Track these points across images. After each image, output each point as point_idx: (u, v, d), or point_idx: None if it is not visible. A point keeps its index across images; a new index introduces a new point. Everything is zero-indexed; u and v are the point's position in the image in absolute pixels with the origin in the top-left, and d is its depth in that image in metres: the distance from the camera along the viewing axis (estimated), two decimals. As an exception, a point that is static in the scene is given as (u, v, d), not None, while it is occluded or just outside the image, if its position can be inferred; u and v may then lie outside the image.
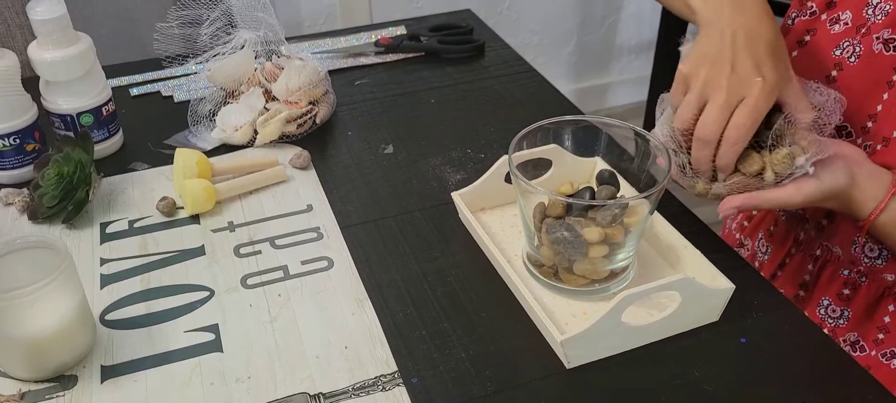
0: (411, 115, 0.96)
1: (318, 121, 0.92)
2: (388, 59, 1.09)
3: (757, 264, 0.89)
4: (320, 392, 0.60)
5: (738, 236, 0.94)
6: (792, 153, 0.65)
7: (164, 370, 0.62)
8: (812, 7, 0.78)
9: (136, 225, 0.77)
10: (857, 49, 0.73)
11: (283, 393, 0.60)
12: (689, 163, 0.68)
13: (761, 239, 0.88)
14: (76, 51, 0.81)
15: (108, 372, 0.62)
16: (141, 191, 0.82)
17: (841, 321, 0.78)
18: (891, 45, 0.71)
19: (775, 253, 0.85)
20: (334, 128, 0.93)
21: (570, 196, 0.66)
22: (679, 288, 0.62)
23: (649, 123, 0.98)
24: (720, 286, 0.64)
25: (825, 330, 0.79)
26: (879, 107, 0.72)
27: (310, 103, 0.92)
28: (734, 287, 0.64)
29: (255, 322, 0.66)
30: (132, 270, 0.72)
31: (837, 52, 0.75)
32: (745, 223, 0.91)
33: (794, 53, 0.80)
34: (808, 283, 0.81)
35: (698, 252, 0.67)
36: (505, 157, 0.75)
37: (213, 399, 0.59)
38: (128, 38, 1.80)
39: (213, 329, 0.66)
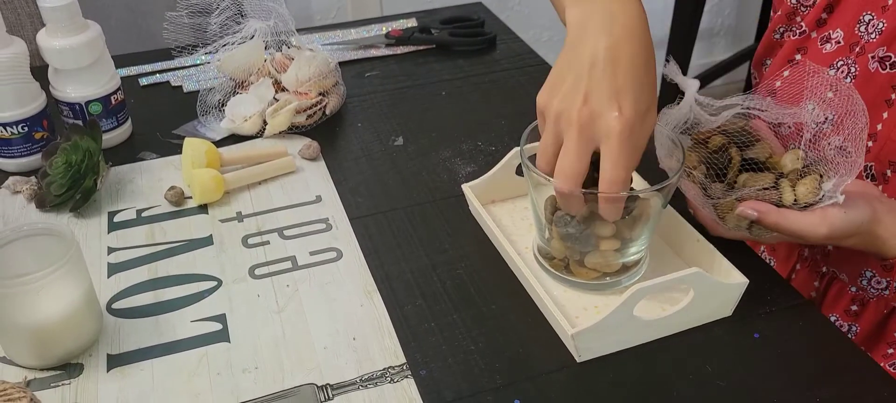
0: (422, 108, 0.96)
1: (327, 112, 0.91)
2: (398, 52, 1.09)
3: None
4: (328, 384, 0.59)
5: None
6: (817, 177, 0.62)
7: (170, 359, 0.61)
8: (802, 26, 0.76)
9: (144, 214, 0.77)
10: (853, 69, 0.71)
11: (290, 384, 0.59)
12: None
13: (763, 252, 0.86)
14: (85, 39, 0.81)
15: (115, 361, 0.61)
16: (149, 181, 0.82)
17: (849, 336, 0.77)
18: (887, 63, 0.69)
19: (780, 267, 0.83)
20: (344, 120, 0.93)
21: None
22: (692, 281, 0.61)
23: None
24: (734, 280, 0.63)
25: None
26: (880, 127, 0.70)
27: (320, 94, 0.91)
28: (747, 281, 0.63)
29: (262, 312, 0.66)
30: (140, 259, 0.71)
31: (831, 72, 0.73)
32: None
33: (786, 73, 0.78)
34: (815, 299, 0.80)
35: (711, 246, 0.66)
36: (516, 150, 0.75)
37: (220, 390, 0.59)
38: (137, 28, 1.80)
39: (221, 319, 0.65)
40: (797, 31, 0.77)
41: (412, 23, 1.15)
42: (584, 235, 0.63)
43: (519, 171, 0.76)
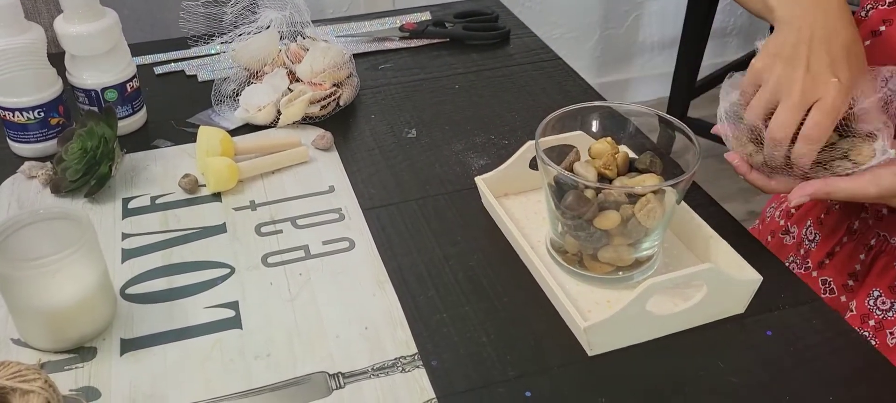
0: (435, 100, 0.96)
1: (341, 103, 0.91)
2: (412, 45, 1.09)
3: (802, 252, 0.88)
4: (339, 372, 0.59)
5: (783, 223, 0.92)
6: (871, 136, 0.64)
7: (183, 344, 0.62)
8: None
9: (158, 201, 0.77)
10: None
11: (302, 371, 0.60)
12: (754, 153, 0.68)
13: (809, 226, 0.86)
14: (102, 25, 0.81)
15: (128, 345, 0.62)
16: (163, 168, 0.82)
17: (890, 313, 0.76)
18: None
19: (825, 241, 0.83)
20: (357, 111, 0.93)
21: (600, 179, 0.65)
22: (706, 277, 0.61)
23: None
24: (747, 277, 0.63)
25: (872, 322, 0.78)
26: None
27: (334, 85, 0.91)
28: (761, 278, 0.63)
29: (275, 300, 0.66)
30: (153, 245, 0.72)
31: None
32: (793, 210, 0.89)
33: (867, 43, 0.78)
34: (859, 273, 0.79)
35: (725, 242, 0.66)
36: (530, 143, 0.75)
37: (233, 375, 0.59)
38: (151, 18, 1.81)
39: (234, 306, 0.65)
40: (886, 2, 0.77)
41: (426, 16, 1.15)
42: (590, 230, 0.63)
43: (533, 165, 0.76)
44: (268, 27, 0.90)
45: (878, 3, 0.78)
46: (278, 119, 0.88)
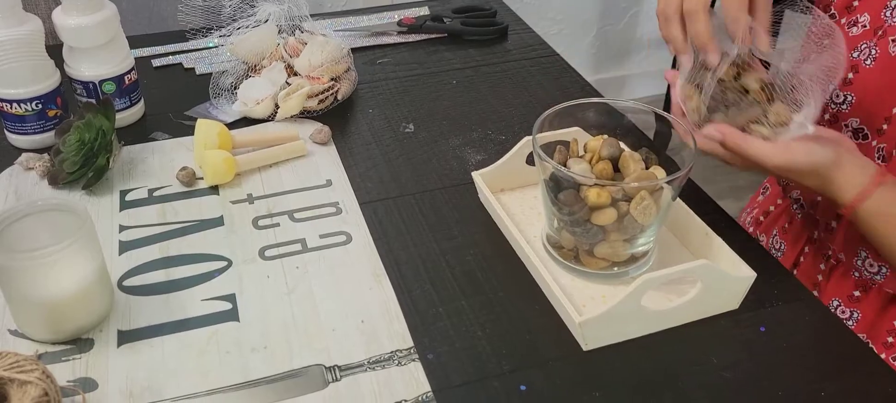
0: (432, 95, 0.96)
1: (339, 97, 0.92)
2: (410, 39, 1.09)
3: None
4: (336, 364, 0.60)
5: (752, 230, 0.93)
6: (797, 105, 0.64)
7: (180, 336, 0.62)
8: (831, 10, 0.78)
9: (155, 193, 0.77)
10: (873, 51, 0.73)
11: (299, 364, 0.60)
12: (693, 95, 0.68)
13: (776, 235, 0.87)
14: (101, 17, 0.81)
15: (125, 337, 0.62)
16: (161, 161, 0.82)
17: (850, 323, 0.77)
18: None
19: (790, 250, 0.84)
20: (355, 106, 0.93)
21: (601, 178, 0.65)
22: (700, 273, 0.61)
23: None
24: (741, 273, 0.64)
25: None
26: (895, 110, 0.71)
27: (331, 79, 0.91)
28: (755, 275, 0.63)
29: (272, 293, 0.66)
30: (151, 238, 0.72)
31: (855, 54, 0.74)
32: (762, 218, 0.90)
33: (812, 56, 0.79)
34: (820, 283, 0.80)
35: (719, 239, 0.67)
36: (527, 138, 0.75)
37: (229, 367, 0.59)
38: (147, 11, 1.81)
39: (231, 298, 0.66)
40: (827, 16, 0.77)
41: (425, 11, 1.15)
42: (586, 226, 0.63)
43: (529, 160, 0.77)
44: (266, 21, 0.91)
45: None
46: (276, 113, 0.88)
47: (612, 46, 2.51)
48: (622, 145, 0.68)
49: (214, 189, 0.78)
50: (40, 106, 0.81)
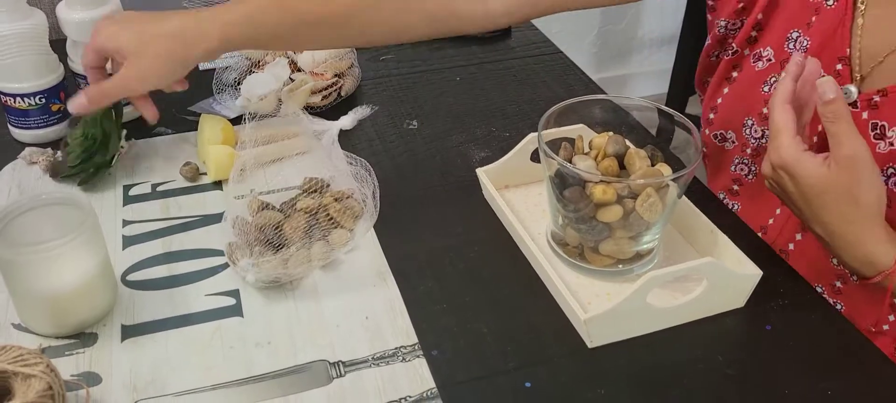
0: (436, 92, 0.96)
1: (342, 93, 0.91)
2: (413, 36, 1.09)
3: None
4: (340, 360, 0.60)
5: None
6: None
7: (184, 331, 0.62)
8: (733, 46, 0.79)
9: (159, 188, 0.77)
10: None
11: (303, 360, 0.60)
12: None
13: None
14: (104, 12, 0.81)
15: (129, 332, 0.62)
16: (164, 156, 0.82)
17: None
18: None
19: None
20: (359, 102, 0.93)
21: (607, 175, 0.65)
22: (706, 271, 0.61)
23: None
24: (747, 271, 0.63)
25: None
26: (816, 138, 0.71)
27: (335, 76, 0.91)
28: (761, 273, 0.63)
29: (275, 289, 0.66)
30: (154, 233, 0.72)
31: (765, 89, 0.75)
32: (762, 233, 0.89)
33: (725, 90, 0.80)
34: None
35: (725, 236, 0.66)
36: (531, 135, 0.75)
37: (233, 362, 0.59)
38: (153, 5, 1.79)
39: (234, 294, 0.65)
40: (730, 51, 0.79)
41: (428, 8, 1.15)
42: (592, 223, 0.63)
43: (534, 157, 0.76)
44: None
45: (724, 49, 0.80)
46: (280, 108, 0.88)
47: (614, 45, 2.51)
48: (628, 142, 0.67)
49: (218, 184, 0.78)
50: (44, 100, 0.81)
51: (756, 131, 0.76)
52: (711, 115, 0.81)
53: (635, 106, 0.72)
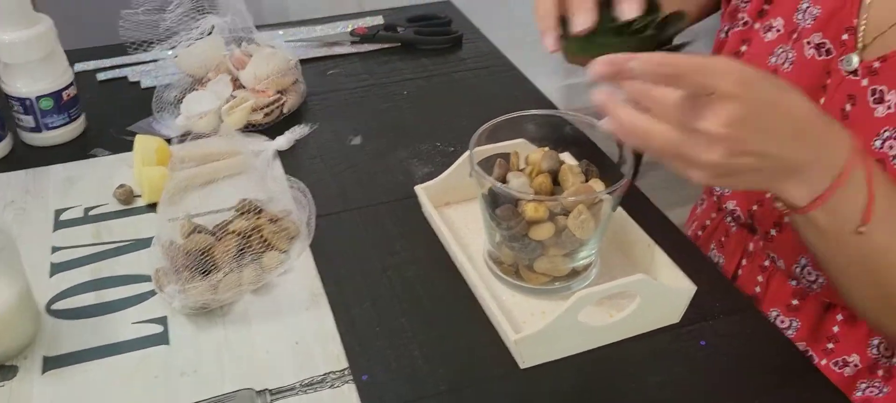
0: (382, 107, 0.95)
1: (285, 110, 0.90)
2: (363, 49, 1.08)
3: None
4: (266, 388, 0.58)
5: None
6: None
7: (108, 362, 0.60)
8: (743, 18, 0.78)
9: (91, 212, 0.76)
10: (790, 55, 0.72)
11: (229, 388, 0.58)
12: None
13: (713, 249, 0.86)
14: (36, 32, 0.80)
15: (51, 363, 0.60)
16: (99, 178, 0.80)
17: (790, 332, 0.76)
18: (823, 50, 0.70)
19: (728, 263, 0.83)
20: (303, 118, 0.91)
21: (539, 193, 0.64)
22: (638, 288, 0.60)
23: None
24: (681, 287, 0.63)
25: None
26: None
27: (278, 92, 0.90)
28: (695, 288, 0.62)
29: (205, 315, 0.64)
30: (83, 259, 0.70)
31: (772, 60, 0.74)
32: (700, 233, 0.89)
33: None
34: (759, 295, 0.79)
35: (661, 251, 0.66)
36: (468, 152, 0.73)
37: (156, 393, 0.58)
38: (91, 22, 1.77)
39: (162, 321, 0.64)
40: (740, 23, 0.78)
41: (379, 20, 1.14)
42: (524, 241, 0.62)
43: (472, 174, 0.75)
44: (210, 32, 0.89)
45: (735, 23, 0.79)
46: (221, 126, 0.87)
47: (582, 51, 2.51)
48: (564, 157, 0.67)
49: (152, 207, 0.76)
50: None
51: None
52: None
53: (575, 118, 0.71)
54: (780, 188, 0.56)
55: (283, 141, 0.82)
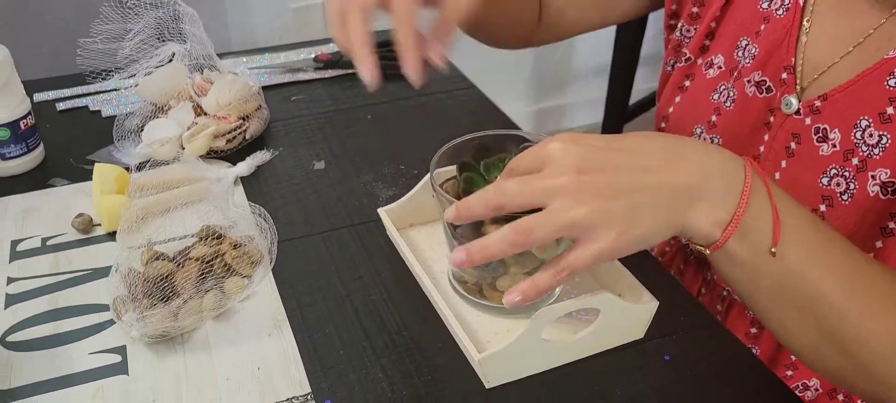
0: (346, 132, 0.94)
1: (248, 136, 0.90)
2: (326, 75, 1.07)
3: None
4: (227, 416, 0.57)
5: None
6: None
7: (64, 394, 0.59)
8: (686, 54, 0.79)
9: (49, 242, 0.74)
10: (732, 92, 0.74)
11: (188, 417, 0.57)
12: None
13: (673, 276, 0.86)
14: (-8, 62, 0.79)
15: (5, 397, 0.59)
16: (58, 208, 0.79)
17: None
18: (763, 88, 0.71)
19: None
20: (266, 144, 0.91)
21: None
22: (601, 304, 0.60)
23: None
24: (644, 302, 0.63)
25: None
26: (762, 148, 0.72)
27: (240, 118, 0.89)
28: (658, 303, 0.63)
29: (165, 343, 0.63)
30: (40, 289, 0.69)
31: (715, 97, 0.75)
32: (660, 259, 0.90)
33: (677, 99, 0.80)
34: (718, 323, 0.80)
35: (624, 267, 0.66)
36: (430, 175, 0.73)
37: (113, 424, 0.57)
38: (54, 52, 1.76)
39: (121, 350, 0.63)
40: (683, 59, 0.79)
41: (342, 47, 1.14)
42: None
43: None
44: (170, 60, 0.88)
45: (679, 57, 0.80)
46: (182, 154, 0.86)
47: (550, 76, 2.53)
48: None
49: (112, 236, 0.75)
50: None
51: (706, 139, 0.75)
52: (663, 124, 0.81)
53: (532, 136, 0.71)
54: (686, 221, 0.54)
55: (245, 167, 0.81)
